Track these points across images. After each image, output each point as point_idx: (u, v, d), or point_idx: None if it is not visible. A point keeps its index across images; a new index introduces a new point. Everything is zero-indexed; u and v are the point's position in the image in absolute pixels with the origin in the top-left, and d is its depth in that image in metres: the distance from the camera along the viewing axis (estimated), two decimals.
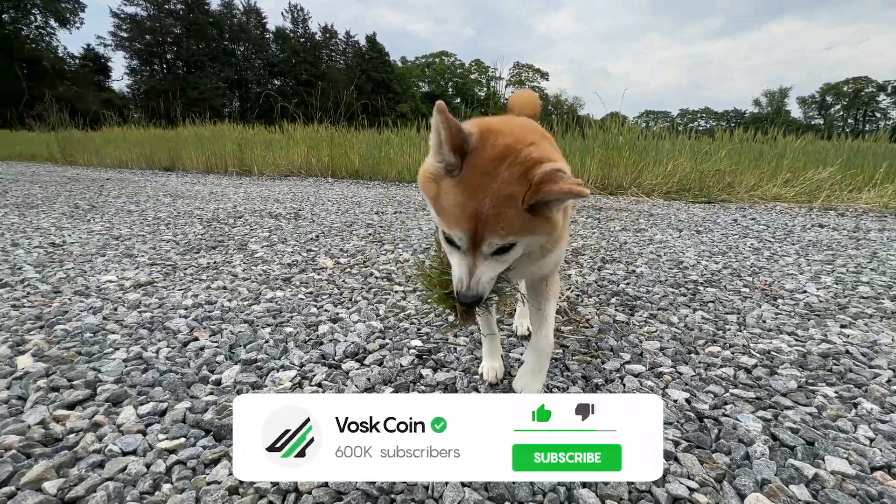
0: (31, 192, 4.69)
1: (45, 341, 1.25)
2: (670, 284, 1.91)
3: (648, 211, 4.21)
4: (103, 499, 0.72)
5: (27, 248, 2.31)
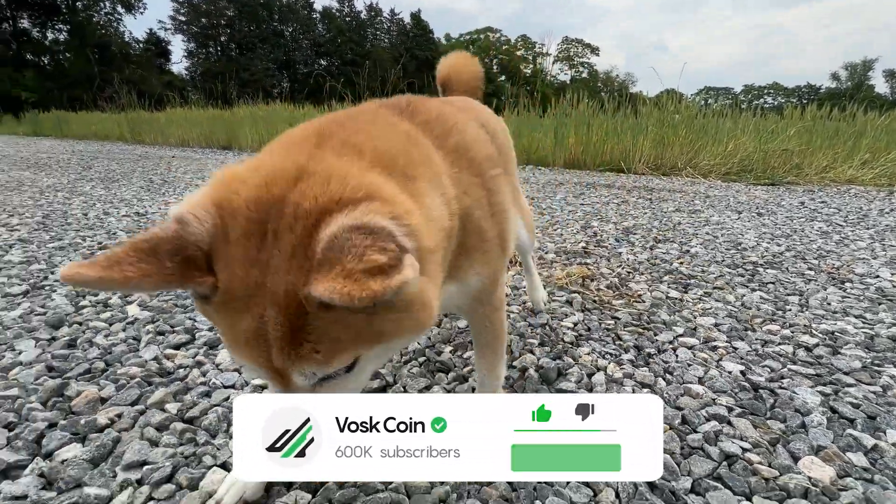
0: (111, 168, 5.14)
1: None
2: (727, 265, 1.86)
3: (705, 193, 4.03)
4: (215, 419, 0.85)
5: (117, 216, 2.58)
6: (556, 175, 5.21)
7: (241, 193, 0.38)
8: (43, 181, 3.98)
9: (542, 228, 2.46)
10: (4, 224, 2.31)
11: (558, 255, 1.96)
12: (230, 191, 0.39)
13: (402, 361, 1.07)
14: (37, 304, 1.35)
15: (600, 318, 1.33)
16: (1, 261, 1.73)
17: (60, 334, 1.17)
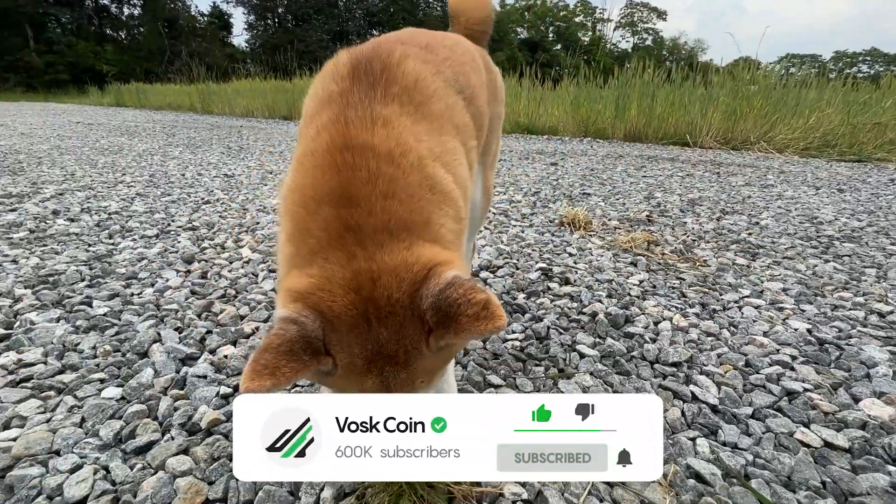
0: (191, 136, 5.59)
1: (253, 240, 1.66)
2: (800, 237, 1.83)
3: (779, 168, 3.81)
4: None
5: (209, 177, 2.88)
6: (616, 148, 5.07)
7: (339, 301, 0.48)
8: (137, 146, 4.43)
9: (605, 197, 2.48)
10: (121, 181, 2.66)
11: (621, 222, 2.00)
12: (326, 300, 0.48)
13: None
14: (168, 244, 1.60)
15: (665, 278, 1.40)
16: (129, 210, 2.03)
17: (193, 268, 1.40)
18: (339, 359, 0.50)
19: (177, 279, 1.31)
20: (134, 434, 0.73)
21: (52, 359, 0.92)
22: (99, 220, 1.85)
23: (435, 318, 0.47)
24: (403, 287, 0.48)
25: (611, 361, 0.95)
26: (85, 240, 1.63)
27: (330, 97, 0.63)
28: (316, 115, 0.63)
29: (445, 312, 0.46)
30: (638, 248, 1.63)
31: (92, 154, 3.79)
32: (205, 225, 1.84)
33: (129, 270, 1.36)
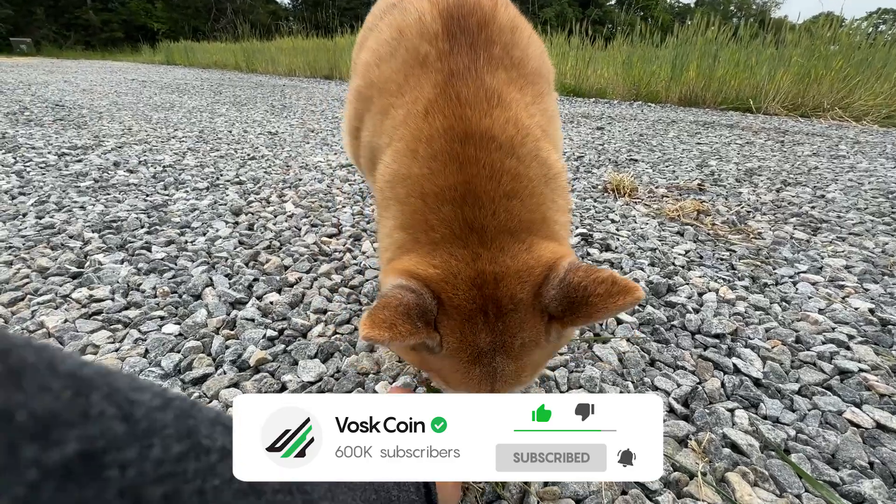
0: (236, 94, 5.70)
1: (296, 196, 1.70)
2: (871, 213, 1.68)
3: (854, 138, 3.46)
4: (370, 289, 1.06)
5: (255, 134, 2.95)
6: (669, 113, 4.75)
7: (461, 294, 0.49)
8: (188, 103, 4.57)
9: (653, 164, 2.35)
10: (174, 136, 2.77)
11: (670, 191, 1.90)
12: (448, 292, 0.49)
13: None
14: (217, 196, 1.68)
15: (714, 249, 1.33)
16: (181, 164, 2.12)
17: (241, 220, 1.47)
18: (447, 341, 0.49)
19: (226, 230, 1.38)
20: (191, 366, 0.80)
21: (119, 296, 1.01)
22: (155, 173, 1.95)
23: (561, 307, 0.47)
24: (526, 288, 0.49)
25: (650, 329, 0.93)
26: (143, 190, 1.72)
27: (424, 61, 0.57)
28: (407, 82, 0.58)
29: (572, 299, 0.46)
30: (686, 218, 1.55)
31: (146, 110, 3.95)
32: (251, 180, 1.90)
33: (183, 220, 1.44)
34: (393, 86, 0.60)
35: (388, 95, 0.60)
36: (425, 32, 0.58)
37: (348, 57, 8.40)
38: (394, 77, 0.60)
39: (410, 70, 0.58)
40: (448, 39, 0.57)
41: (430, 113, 0.54)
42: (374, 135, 0.63)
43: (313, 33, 12.91)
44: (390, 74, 0.61)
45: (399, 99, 0.58)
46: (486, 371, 0.51)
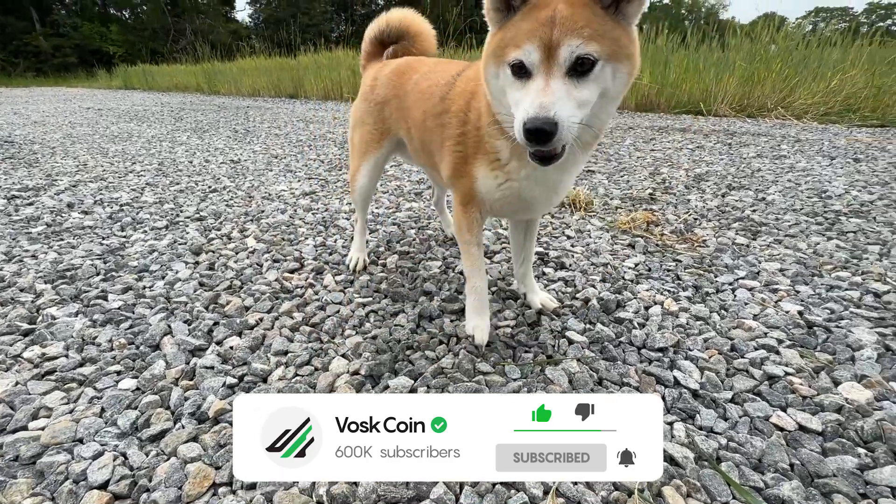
0: (198, 119, 5.61)
1: (258, 230, 1.70)
2: (805, 213, 1.80)
3: (795, 136, 3.69)
4: (331, 327, 1.08)
5: (217, 163, 2.92)
6: (626, 119, 4.94)
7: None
8: (146, 132, 4.48)
9: (609, 175, 2.45)
10: (131, 171, 2.72)
11: (623, 202, 1.99)
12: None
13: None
14: (177, 235, 1.66)
15: (662, 260, 1.40)
16: (139, 201, 2.09)
17: (201, 259, 1.46)
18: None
19: (185, 271, 1.37)
20: (149, 423, 0.80)
21: (73, 352, 0.99)
22: (111, 213, 1.91)
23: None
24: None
25: (599, 347, 0.98)
26: (99, 233, 1.69)
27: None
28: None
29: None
30: (637, 230, 1.63)
31: (103, 142, 3.85)
32: (212, 214, 1.89)
33: (141, 263, 1.42)
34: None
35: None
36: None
37: (313, 75, 8.33)
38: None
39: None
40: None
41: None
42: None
43: (276, 52, 12.83)
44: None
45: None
46: (549, 16, 0.64)
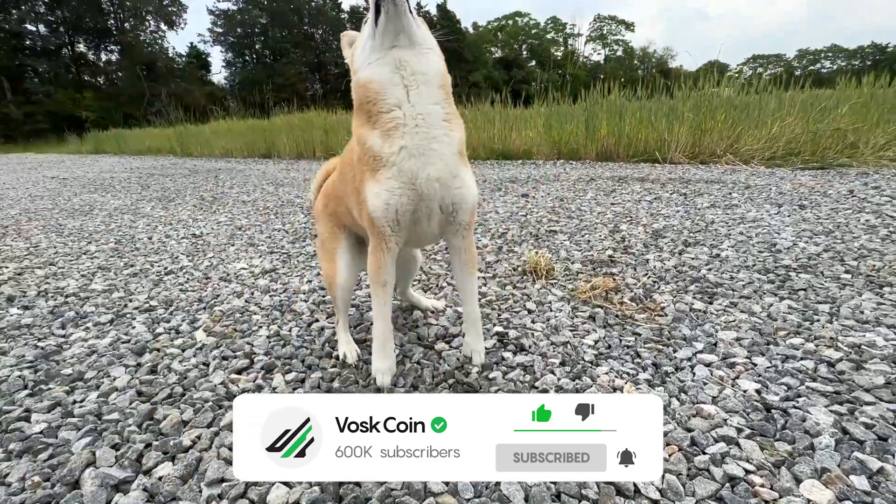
0: (166, 186, 5.56)
1: (210, 320, 1.63)
2: (758, 270, 1.85)
3: (745, 182, 3.89)
4: None
5: (177, 239, 2.85)
6: (588, 169, 5.16)
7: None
8: (110, 203, 4.40)
9: (570, 234, 2.50)
10: (86, 252, 2.62)
11: (584, 265, 2.01)
12: None
13: (433, 383, 1.19)
14: (121, 332, 1.57)
15: (621, 334, 1.39)
16: (87, 290, 1.99)
17: (143, 361, 1.37)
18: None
19: (124, 377, 1.28)
20: None
21: None
22: (54, 306, 1.81)
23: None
24: None
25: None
26: (36, 333, 1.59)
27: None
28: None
29: None
30: (597, 299, 1.63)
31: (61, 217, 3.75)
32: (163, 303, 1.81)
33: (76, 370, 1.32)
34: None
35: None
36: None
37: (286, 136, 8.48)
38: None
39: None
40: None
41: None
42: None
43: (249, 113, 13.11)
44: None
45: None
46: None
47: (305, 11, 43.39)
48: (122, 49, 35.21)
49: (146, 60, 34.21)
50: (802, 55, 73.98)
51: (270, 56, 42.51)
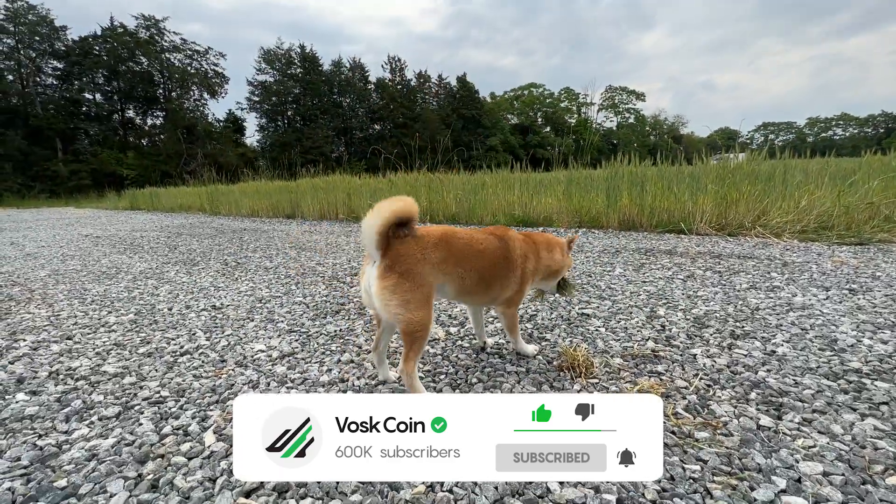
0: (192, 248, 5.68)
1: (221, 418, 1.51)
2: (824, 374, 1.66)
3: (781, 258, 3.73)
4: None
5: (197, 311, 2.81)
6: (612, 240, 5.07)
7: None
8: (136, 266, 4.46)
9: (605, 320, 2.35)
10: (104, 323, 2.58)
11: (625, 360, 1.85)
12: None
13: None
14: (126, 430, 1.45)
15: (682, 458, 1.21)
16: (99, 372, 1.91)
17: (145, 472, 1.24)
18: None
19: (122, 495, 1.14)
20: None
21: None
22: (62, 392, 1.72)
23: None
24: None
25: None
26: (38, 427, 1.48)
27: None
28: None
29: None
30: None
31: (87, 281, 3.79)
32: (174, 393, 1.70)
33: (71, 482, 1.20)
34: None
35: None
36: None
37: (310, 197, 8.77)
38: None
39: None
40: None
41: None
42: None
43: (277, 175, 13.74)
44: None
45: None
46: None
47: (336, 83, 47.00)
48: (166, 114, 38.26)
49: (187, 124, 36.98)
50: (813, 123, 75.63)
51: (301, 121, 45.54)
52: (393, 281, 1.43)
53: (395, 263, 1.45)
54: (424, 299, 1.47)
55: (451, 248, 1.57)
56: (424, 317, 1.46)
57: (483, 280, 1.65)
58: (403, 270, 1.44)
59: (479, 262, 1.63)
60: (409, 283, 1.44)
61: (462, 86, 52.82)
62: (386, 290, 1.44)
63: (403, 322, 1.45)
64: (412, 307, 1.44)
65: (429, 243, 1.53)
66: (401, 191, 8.38)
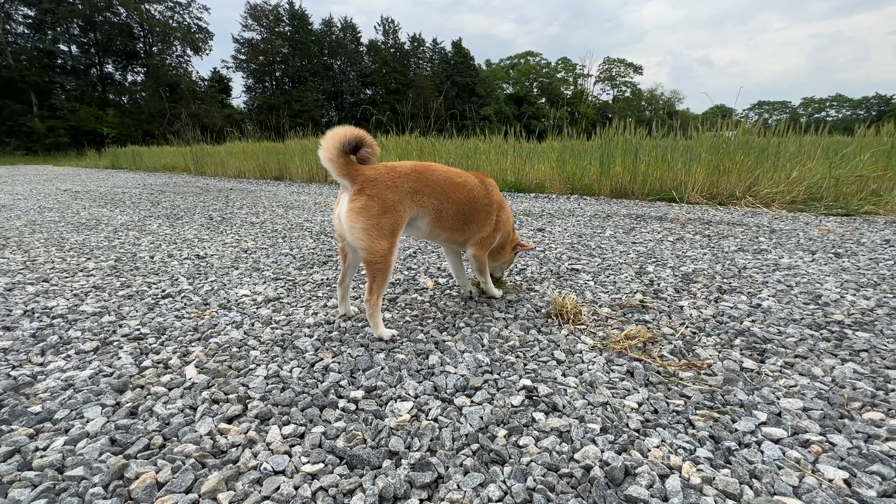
0: (175, 204, 5.52)
1: (203, 353, 1.47)
2: (807, 325, 1.68)
3: (769, 226, 3.75)
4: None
5: (180, 259, 2.73)
6: (603, 206, 5.05)
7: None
8: (117, 218, 4.32)
9: (594, 274, 2.35)
10: (83, 269, 2.50)
11: (613, 309, 1.85)
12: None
13: (454, 448, 1.01)
14: (104, 363, 1.42)
15: (667, 395, 1.22)
16: (76, 311, 1.85)
17: (123, 400, 1.21)
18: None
19: (99, 420, 1.12)
20: None
21: None
22: (37, 329, 1.67)
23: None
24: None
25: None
26: (11, 359, 1.44)
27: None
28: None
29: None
30: (633, 351, 1.46)
31: (66, 231, 3.66)
32: (155, 331, 1.66)
33: (47, 408, 1.17)
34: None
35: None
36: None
37: (299, 159, 8.53)
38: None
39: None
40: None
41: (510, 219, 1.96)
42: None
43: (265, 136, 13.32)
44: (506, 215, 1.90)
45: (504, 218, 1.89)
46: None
47: (326, 43, 45.13)
48: (147, 70, 36.50)
49: (170, 82, 35.39)
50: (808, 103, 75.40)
51: (289, 83, 43.93)
52: (361, 203, 1.45)
53: (365, 187, 1.46)
54: (390, 229, 1.47)
55: (426, 180, 1.57)
56: (387, 247, 1.47)
57: (461, 214, 1.66)
58: (373, 194, 1.45)
59: (459, 193, 1.64)
60: (378, 209, 1.45)
61: (457, 51, 51.17)
62: (353, 211, 1.46)
63: (365, 250, 1.47)
64: (374, 235, 1.45)
65: (401, 173, 1.53)
66: (392, 154, 8.20)
